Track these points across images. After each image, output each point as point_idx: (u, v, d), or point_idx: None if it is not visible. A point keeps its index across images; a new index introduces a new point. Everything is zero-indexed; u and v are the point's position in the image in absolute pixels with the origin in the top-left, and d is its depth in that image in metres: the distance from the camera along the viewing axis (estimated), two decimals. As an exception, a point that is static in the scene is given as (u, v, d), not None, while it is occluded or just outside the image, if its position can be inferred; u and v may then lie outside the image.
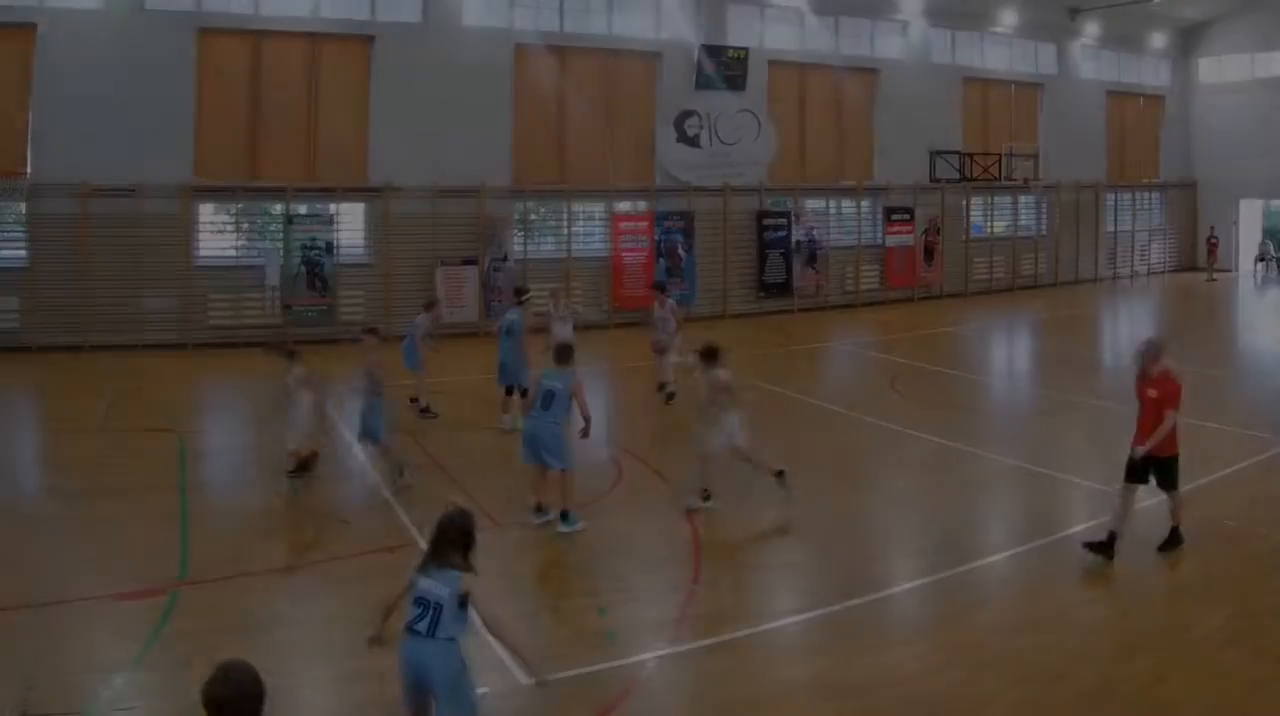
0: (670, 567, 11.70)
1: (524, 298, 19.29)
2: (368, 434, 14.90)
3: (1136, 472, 11.76)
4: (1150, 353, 11.99)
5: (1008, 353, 29.64)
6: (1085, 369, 24.85)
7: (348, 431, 18.28)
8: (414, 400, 19.66)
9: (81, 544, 12.26)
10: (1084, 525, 12.57)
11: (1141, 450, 11.56)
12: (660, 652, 9.47)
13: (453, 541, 7.15)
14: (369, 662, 8.43)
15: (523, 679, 8.52)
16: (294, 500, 14.07)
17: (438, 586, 6.93)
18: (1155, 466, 11.74)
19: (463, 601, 6.91)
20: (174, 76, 26.31)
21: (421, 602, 6.91)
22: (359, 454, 16.31)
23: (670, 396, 20.14)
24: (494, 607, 7.23)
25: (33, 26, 25.06)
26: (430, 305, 20.82)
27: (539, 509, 13.16)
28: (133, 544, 12.36)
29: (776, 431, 18.16)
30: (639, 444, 17.46)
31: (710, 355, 14.05)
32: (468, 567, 7.08)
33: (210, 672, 5.03)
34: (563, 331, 23.04)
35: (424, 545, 11.38)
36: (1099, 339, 31.61)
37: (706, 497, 13.62)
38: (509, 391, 18.24)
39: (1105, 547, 11.46)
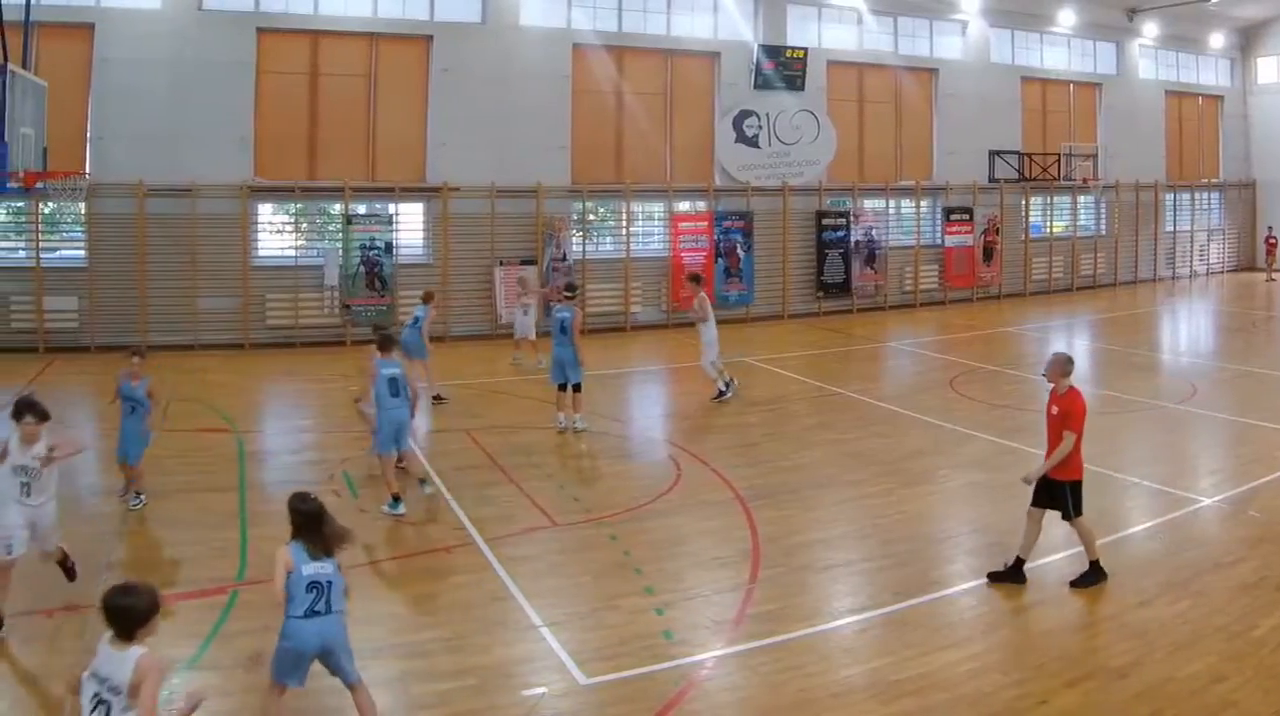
0: (728, 567, 11.14)
1: (573, 293, 17.96)
2: (126, 455, 12.93)
3: (1039, 496, 10.65)
4: (1055, 367, 10.83)
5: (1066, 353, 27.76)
6: (1144, 369, 23.66)
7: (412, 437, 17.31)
8: (437, 398, 19.36)
9: (140, 544, 11.70)
10: (1143, 525, 12.25)
11: (1034, 475, 10.57)
12: (718, 652, 9.09)
13: (321, 522, 7.44)
14: (426, 662, 8.73)
15: (581, 679, 8.50)
16: (354, 501, 13.33)
17: (324, 567, 7.31)
18: (1048, 489, 10.55)
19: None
20: (233, 76, 24.96)
21: (314, 586, 7.22)
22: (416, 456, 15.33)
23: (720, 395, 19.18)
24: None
25: (91, 26, 23.84)
26: (428, 298, 19.96)
27: (396, 499, 12.87)
28: (192, 544, 11.71)
29: (835, 430, 17.45)
30: (697, 444, 16.39)
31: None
32: (338, 543, 7.48)
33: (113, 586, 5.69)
34: (524, 323, 23.11)
35: (483, 545, 11.59)
36: (1158, 339, 29.78)
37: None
38: (562, 388, 17.13)
39: (1013, 575, 10.55)
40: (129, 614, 5.55)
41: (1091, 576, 10.41)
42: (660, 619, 9.73)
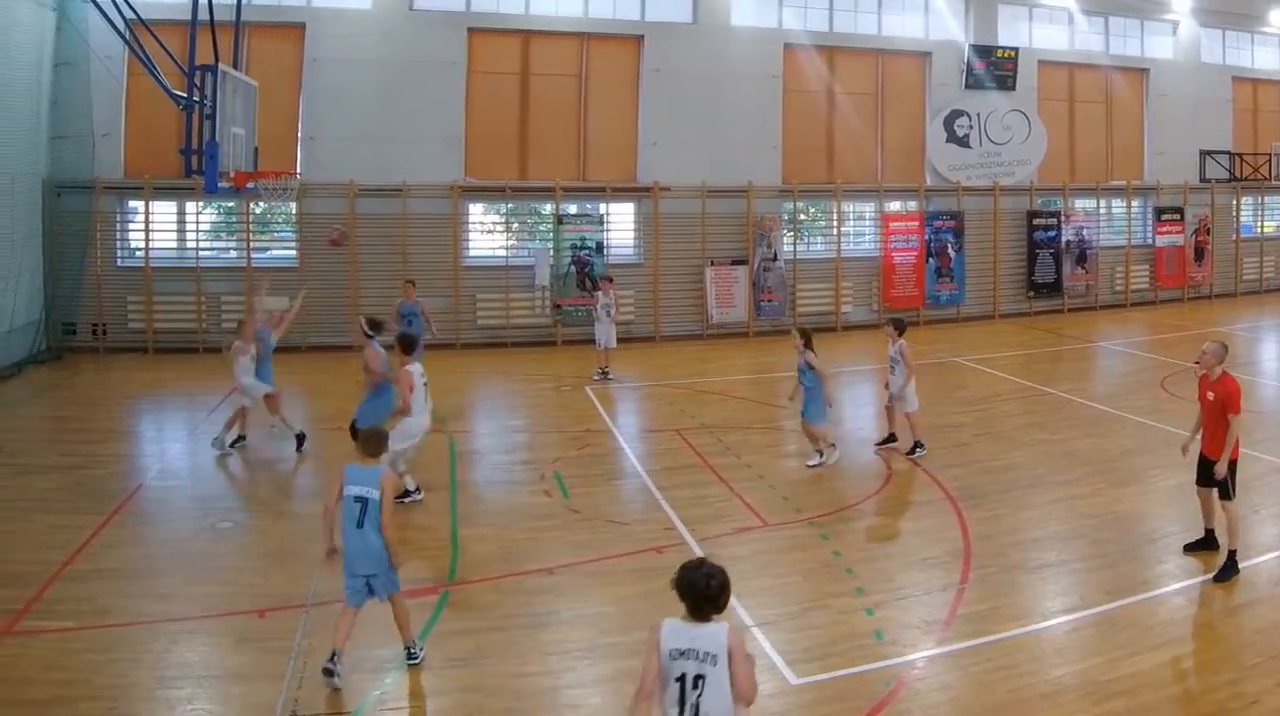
0: (939, 567, 8.49)
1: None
2: None
3: (1204, 477, 8.36)
4: (1212, 355, 8.37)
5: (1278, 353, 20.78)
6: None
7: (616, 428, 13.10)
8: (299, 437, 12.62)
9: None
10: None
11: (1220, 469, 8.08)
12: (928, 652, 6.88)
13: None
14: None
15: (792, 679, 6.54)
16: (565, 502, 10.51)
17: None
18: (1207, 468, 8.25)
19: None
20: (443, 76, 19.04)
21: None
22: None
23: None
24: None
25: (301, 26, 18.30)
26: (274, 324, 12.90)
27: None
28: (402, 543, 8.45)
29: (1045, 430, 13.57)
30: (908, 443, 12.33)
31: None
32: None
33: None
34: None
35: (694, 545, 9.08)
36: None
37: None
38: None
39: (1205, 544, 8.48)
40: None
41: (1230, 570, 7.98)
42: (871, 619, 7.49)
